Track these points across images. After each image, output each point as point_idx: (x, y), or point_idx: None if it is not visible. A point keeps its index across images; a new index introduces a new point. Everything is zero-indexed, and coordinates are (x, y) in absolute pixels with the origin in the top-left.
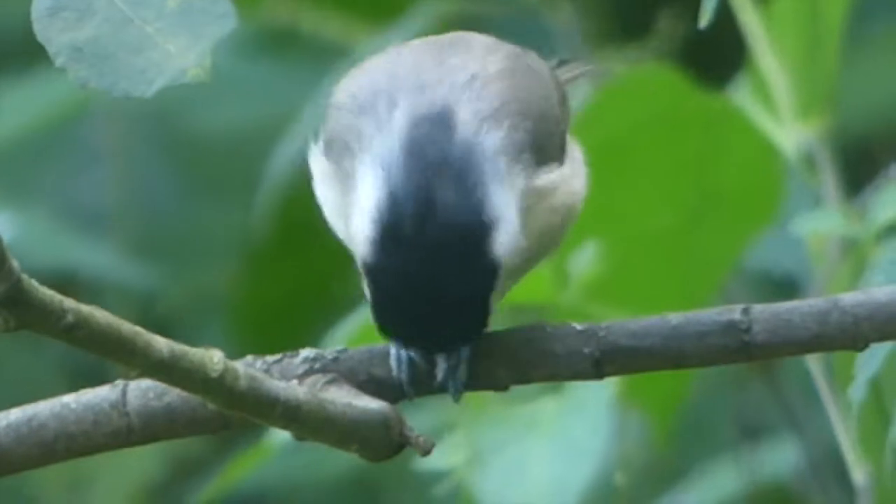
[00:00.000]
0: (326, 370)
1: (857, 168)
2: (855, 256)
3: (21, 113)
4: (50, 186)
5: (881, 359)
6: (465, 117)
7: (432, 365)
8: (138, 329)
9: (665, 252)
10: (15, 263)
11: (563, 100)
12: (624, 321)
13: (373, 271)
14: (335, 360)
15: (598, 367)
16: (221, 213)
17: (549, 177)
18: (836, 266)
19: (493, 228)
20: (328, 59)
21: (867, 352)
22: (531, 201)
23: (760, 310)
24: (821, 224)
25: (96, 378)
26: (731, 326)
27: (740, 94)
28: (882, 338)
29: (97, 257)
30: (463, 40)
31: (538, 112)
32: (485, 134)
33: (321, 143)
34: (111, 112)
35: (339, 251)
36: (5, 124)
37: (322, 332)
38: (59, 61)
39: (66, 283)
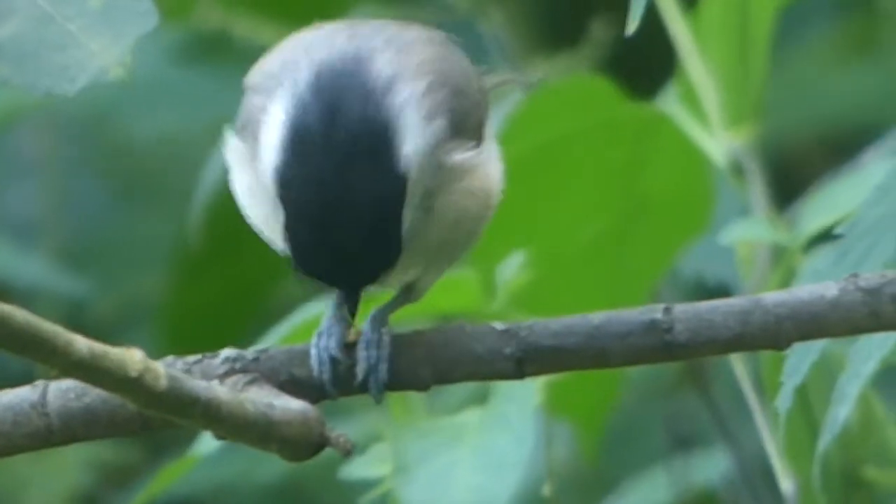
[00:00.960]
0: (247, 370)
1: (786, 177)
2: (783, 265)
3: None
4: None
5: (807, 367)
6: (380, 67)
7: (353, 363)
8: (58, 328)
9: (594, 260)
10: None
11: (483, 91)
12: (546, 321)
13: (283, 181)
14: (255, 360)
15: (519, 367)
16: (152, 221)
17: (466, 155)
18: (766, 274)
19: (400, 137)
20: None
21: (793, 359)
22: (446, 177)
23: (682, 309)
24: (749, 233)
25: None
26: (653, 326)
27: (670, 103)
28: (804, 337)
29: (27, 266)
30: (378, 21)
31: (457, 85)
32: (401, 82)
33: (236, 128)
34: (41, 121)
35: (268, 259)
36: None
37: (251, 339)
38: None
39: None
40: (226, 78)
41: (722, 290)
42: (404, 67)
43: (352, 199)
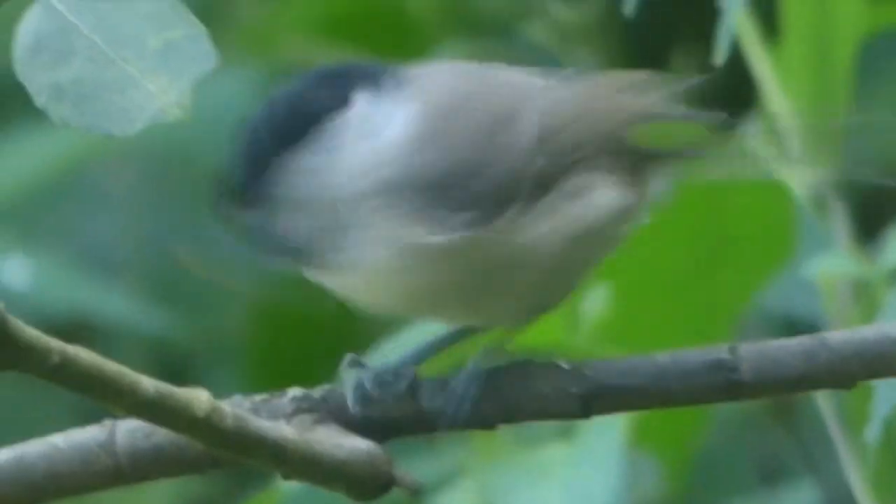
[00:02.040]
0: (314, 410)
1: (869, 209)
2: (866, 298)
3: (33, 158)
4: (63, 231)
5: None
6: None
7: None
8: (124, 369)
9: (677, 294)
10: (0, 304)
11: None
12: (611, 360)
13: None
14: (323, 399)
15: (585, 407)
16: None
17: (438, 239)
18: (848, 308)
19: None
20: None
21: (881, 392)
22: (532, 218)
23: (748, 349)
24: (832, 266)
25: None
26: (718, 365)
27: (751, 137)
28: (871, 376)
29: (111, 302)
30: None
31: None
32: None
33: None
34: (124, 156)
35: None
36: (18, 170)
37: (333, 374)
38: (40, 101)
39: (81, 327)
40: None
41: (805, 325)
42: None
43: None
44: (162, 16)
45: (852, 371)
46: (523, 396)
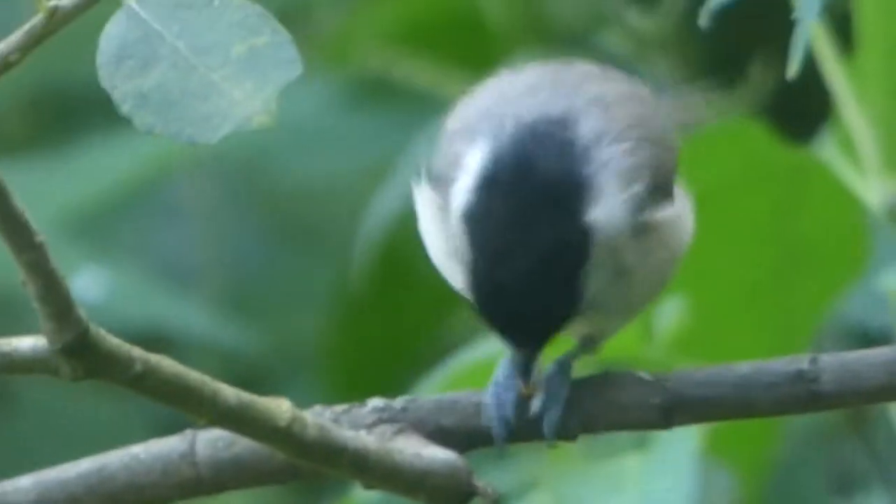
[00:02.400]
0: (394, 420)
1: None
2: None
3: (108, 170)
4: (138, 244)
5: None
6: (584, 130)
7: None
8: (206, 378)
9: (752, 306)
10: (82, 312)
11: (678, 143)
12: (690, 371)
13: (467, 225)
14: (403, 410)
15: (667, 418)
16: (311, 266)
17: (666, 212)
18: None
19: (591, 195)
20: (421, 108)
21: None
22: (645, 236)
23: (828, 360)
24: None
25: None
26: (799, 376)
27: (826, 148)
28: None
29: (186, 314)
30: (579, 66)
31: (659, 144)
32: (603, 146)
33: (428, 175)
34: (198, 167)
35: (430, 302)
36: (93, 182)
37: (411, 384)
38: (124, 108)
39: (156, 339)
40: (386, 121)
41: (879, 336)
42: (608, 127)
43: (531, 246)
44: (247, 22)
45: None
46: (603, 407)
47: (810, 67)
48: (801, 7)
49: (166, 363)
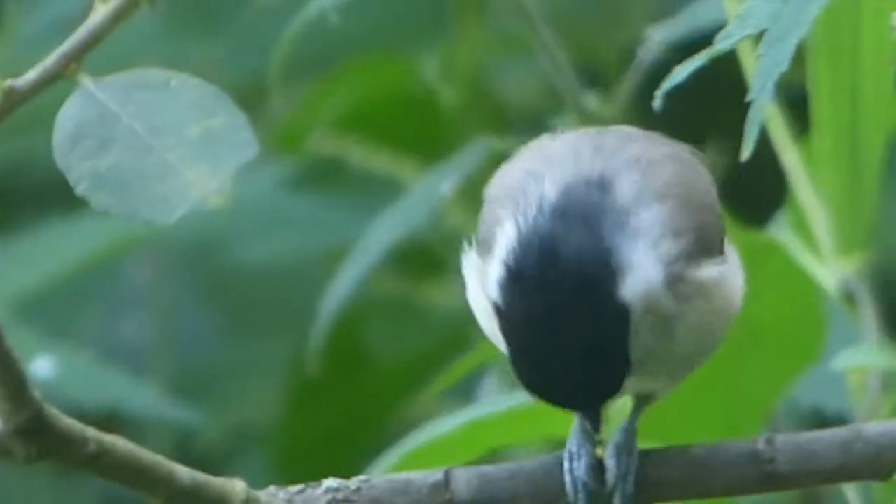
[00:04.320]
0: (349, 501)
1: None
2: None
3: (62, 254)
4: (90, 326)
5: None
6: (622, 191)
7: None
8: (160, 458)
9: (707, 388)
10: (36, 393)
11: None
12: (645, 451)
13: (502, 316)
14: (357, 490)
15: None
16: (265, 348)
17: (712, 271)
18: (878, 402)
19: (623, 267)
20: (375, 192)
21: None
22: (690, 292)
23: (784, 440)
24: (861, 360)
25: None
26: (755, 457)
27: (781, 230)
28: None
29: (139, 395)
30: (620, 129)
31: (701, 202)
32: (641, 206)
33: (476, 244)
34: (151, 250)
35: (384, 385)
36: (45, 266)
37: (366, 466)
38: (80, 188)
39: (109, 420)
40: (338, 205)
41: (834, 417)
42: (647, 187)
43: (568, 346)
44: (202, 104)
45: (888, 463)
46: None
47: (766, 150)
48: (755, 88)
49: (120, 443)
